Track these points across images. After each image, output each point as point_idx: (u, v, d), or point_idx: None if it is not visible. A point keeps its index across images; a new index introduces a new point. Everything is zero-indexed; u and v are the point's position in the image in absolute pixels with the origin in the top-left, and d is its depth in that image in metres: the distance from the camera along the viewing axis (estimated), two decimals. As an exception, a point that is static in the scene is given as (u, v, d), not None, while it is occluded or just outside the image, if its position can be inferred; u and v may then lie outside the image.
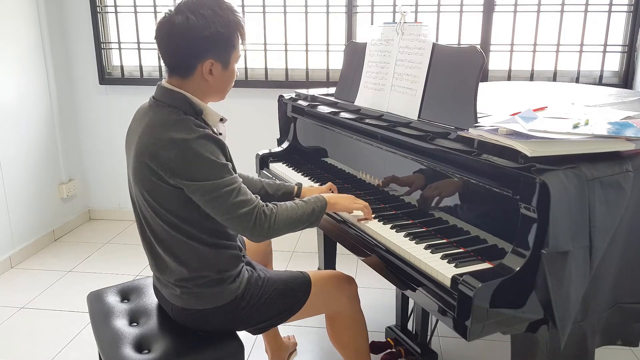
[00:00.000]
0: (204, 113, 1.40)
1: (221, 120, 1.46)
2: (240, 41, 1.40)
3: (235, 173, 1.38)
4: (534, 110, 1.44)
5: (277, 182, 1.83)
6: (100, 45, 3.46)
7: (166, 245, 1.41)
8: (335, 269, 2.37)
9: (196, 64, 1.35)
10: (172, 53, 1.36)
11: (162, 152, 1.29)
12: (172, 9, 1.34)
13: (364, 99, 1.88)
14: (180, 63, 1.36)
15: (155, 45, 1.39)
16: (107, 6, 3.44)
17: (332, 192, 1.78)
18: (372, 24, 3.22)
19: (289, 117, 2.31)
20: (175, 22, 1.31)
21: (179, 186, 1.31)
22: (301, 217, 1.44)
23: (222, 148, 1.35)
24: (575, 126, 1.28)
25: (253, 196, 1.37)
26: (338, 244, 1.89)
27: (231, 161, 1.39)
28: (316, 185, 1.96)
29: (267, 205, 1.40)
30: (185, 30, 1.31)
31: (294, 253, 3.20)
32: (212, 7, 1.33)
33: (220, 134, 1.44)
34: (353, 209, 1.59)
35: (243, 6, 3.29)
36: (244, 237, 1.62)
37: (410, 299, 2.03)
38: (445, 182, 1.48)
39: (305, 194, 1.79)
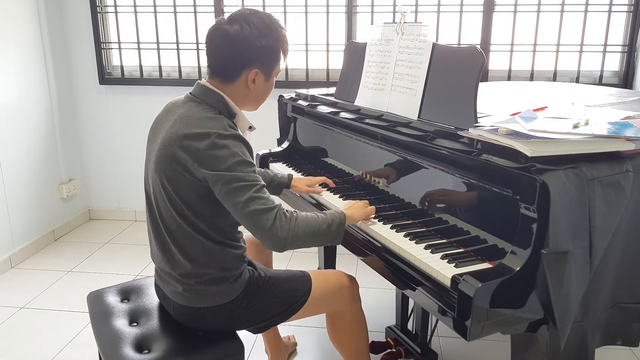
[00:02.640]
0: (236, 117, 1.44)
1: (250, 128, 1.50)
2: (282, 57, 1.46)
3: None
4: (534, 110, 1.44)
5: (271, 173, 1.88)
6: (100, 45, 3.46)
7: (175, 237, 1.42)
8: (335, 268, 2.37)
9: (242, 72, 1.41)
10: (222, 58, 1.41)
11: (193, 143, 1.32)
12: (225, 17, 1.41)
13: (364, 99, 1.88)
14: (227, 68, 1.41)
15: (155, 46, 1.40)
16: (107, 6, 3.44)
17: (328, 185, 1.87)
18: (372, 24, 3.22)
19: (289, 117, 2.31)
20: (230, 30, 1.37)
21: (203, 178, 1.33)
22: (320, 228, 1.40)
23: (250, 151, 1.39)
24: (575, 126, 1.28)
25: (273, 198, 1.38)
26: (338, 243, 1.89)
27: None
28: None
29: (288, 210, 1.39)
30: (240, 38, 1.37)
31: (294, 253, 3.20)
32: (264, 20, 1.41)
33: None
34: (368, 214, 1.57)
35: (243, 6, 3.28)
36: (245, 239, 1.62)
37: (410, 299, 2.03)
38: (445, 182, 1.48)
39: (295, 185, 1.87)
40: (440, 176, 1.49)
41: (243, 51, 1.38)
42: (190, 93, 1.45)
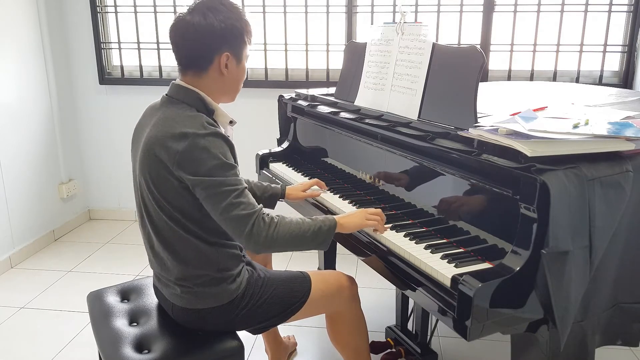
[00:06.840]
0: (215, 113, 1.43)
1: (230, 122, 1.49)
2: (247, 40, 1.45)
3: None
4: (534, 110, 1.44)
5: (265, 184, 1.85)
6: (100, 45, 3.46)
7: (167, 242, 1.41)
8: (335, 268, 2.37)
9: (213, 57, 1.39)
10: (190, 49, 1.40)
11: (172, 144, 1.31)
12: (187, 9, 1.40)
13: (364, 99, 1.88)
14: (197, 58, 1.40)
15: (155, 46, 1.40)
16: (107, 6, 3.44)
17: (319, 188, 1.86)
18: (372, 24, 3.22)
19: (289, 117, 2.31)
20: (193, 20, 1.37)
21: (183, 180, 1.32)
22: (304, 234, 1.39)
23: (231, 148, 1.37)
24: (575, 126, 1.28)
25: (255, 202, 1.36)
26: (338, 243, 1.89)
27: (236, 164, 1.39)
28: (305, 179, 2.00)
29: (268, 215, 1.38)
30: (203, 25, 1.36)
31: (293, 253, 3.20)
32: (226, 5, 1.41)
33: (228, 136, 1.45)
34: (366, 226, 1.52)
35: (243, 6, 3.28)
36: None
37: (410, 299, 2.03)
38: (445, 182, 1.48)
39: (289, 194, 1.83)
40: (440, 176, 1.49)
41: (210, 36, 1.37)
42: (166, 94, 1.44)
